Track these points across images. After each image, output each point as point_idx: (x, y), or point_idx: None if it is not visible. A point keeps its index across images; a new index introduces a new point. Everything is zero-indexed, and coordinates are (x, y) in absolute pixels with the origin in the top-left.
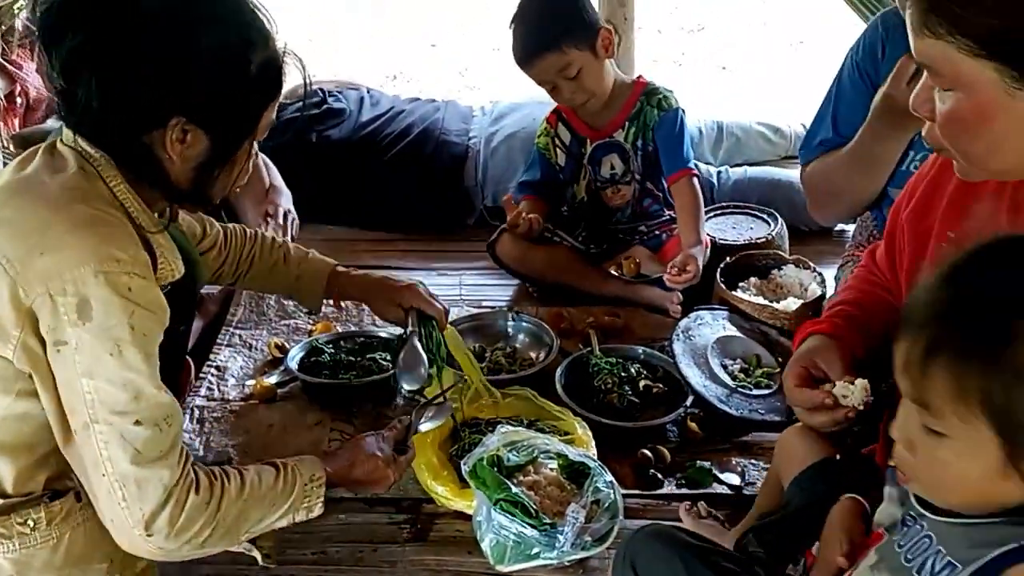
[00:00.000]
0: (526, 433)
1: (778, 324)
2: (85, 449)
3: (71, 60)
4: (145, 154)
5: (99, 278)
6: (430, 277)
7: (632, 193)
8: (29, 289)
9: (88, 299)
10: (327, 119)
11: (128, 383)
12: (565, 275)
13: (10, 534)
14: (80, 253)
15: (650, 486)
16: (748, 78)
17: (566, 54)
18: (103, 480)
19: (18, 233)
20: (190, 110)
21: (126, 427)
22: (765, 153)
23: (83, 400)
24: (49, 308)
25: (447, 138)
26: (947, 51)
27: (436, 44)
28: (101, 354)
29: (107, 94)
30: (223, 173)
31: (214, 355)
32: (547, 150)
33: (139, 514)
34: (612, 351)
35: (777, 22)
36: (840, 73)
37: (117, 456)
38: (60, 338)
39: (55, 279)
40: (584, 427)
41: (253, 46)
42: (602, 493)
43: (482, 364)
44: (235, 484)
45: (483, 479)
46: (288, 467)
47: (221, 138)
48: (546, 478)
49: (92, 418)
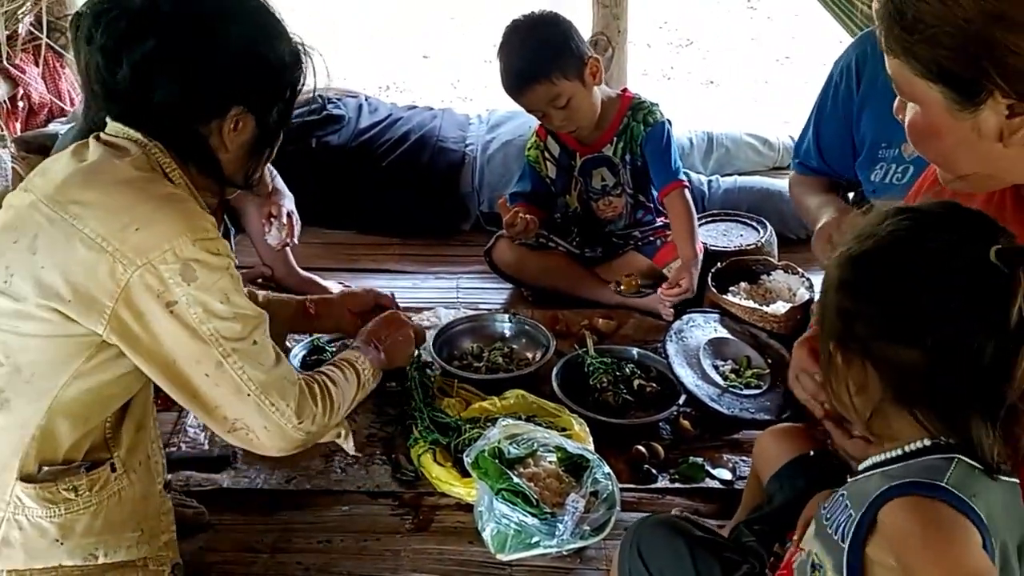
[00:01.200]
0: (526, 426)
1: (768, 327)
2: (224, 382)
3: (144, 64)
4: (201, 144)
5: (196, 245)
6: (427, 280)
7: (625, 206)
8: (128, 263)
9: (190, 263)
10: (326, 125)
11: (238, 316)
12: (560, 280)
13: (56, 500)
14: (174, 225)
15: (644, 481)
16: (736, 92)
17: (556, 85)
18: (249, 400)
19: (108, 214)
20: (247, 99)
21: (249, 348)
22: (754, 164)
23: (210, 343)
24: (153, 275)
25: (444, 145)
26: (903, 70)
27: (429, 55)
28: (213, 303)
29: (180, 91)
30: (265, 156)
31: None
32: (537, 163)
33: (288, 410)
34: (607, 352)
35: (765, 38)
36: (823, 88)
37: (253, 374)
38: (171, 299)
39: (154, 250)
40: (581, 423)
41: (284, 37)
42: (600, 484)
43: (480, 364)
44: (328, 377)
45: (485, 469)
46: (340, 361)
47: (267, 123)
48: (545, 470)
49: (223, 353)
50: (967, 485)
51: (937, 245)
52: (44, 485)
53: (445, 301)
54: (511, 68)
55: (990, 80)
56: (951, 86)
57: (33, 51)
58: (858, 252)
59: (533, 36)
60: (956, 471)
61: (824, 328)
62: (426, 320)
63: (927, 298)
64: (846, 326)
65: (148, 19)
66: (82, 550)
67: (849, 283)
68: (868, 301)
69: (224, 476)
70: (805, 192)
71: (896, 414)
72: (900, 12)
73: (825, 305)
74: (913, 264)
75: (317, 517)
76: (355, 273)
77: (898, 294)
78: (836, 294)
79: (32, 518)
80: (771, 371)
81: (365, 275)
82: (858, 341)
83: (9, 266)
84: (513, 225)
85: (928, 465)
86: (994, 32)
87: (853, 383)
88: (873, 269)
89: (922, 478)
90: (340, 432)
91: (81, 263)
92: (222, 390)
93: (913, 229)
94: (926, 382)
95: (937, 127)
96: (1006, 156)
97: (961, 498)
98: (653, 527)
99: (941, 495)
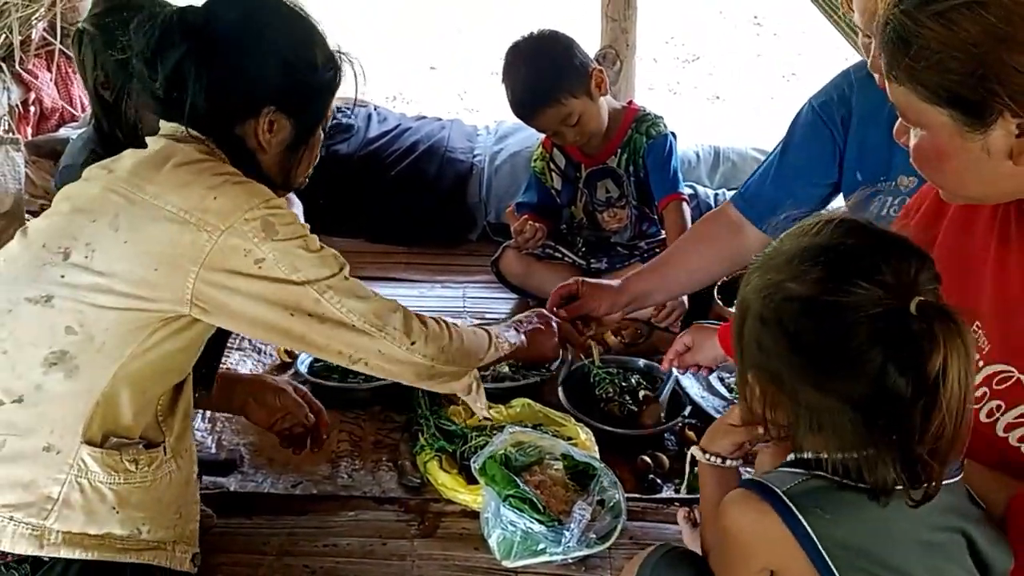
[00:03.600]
0: (533, 434)
1: None
2: (327, 319)
3: (178, 67)
4: (240, 145)
5: (266, 204)
6: (434, 290)
7: (629, 217)
8: (212, 229)
9: (268, 219)
10: (336, 134)
11: (320, 259)
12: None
13: (118, 468)
14: (245, 193)
15: (649, 490)
16: (741, 108)
17: (565, 105)
18: (354, 332)
19: (185, 188)
20: (278, 99)
21: (339, 284)
22: None
23: (305, 287)
24: (239, 236)
25: (452, 155)
26: (909, 96)
27: (436, 67)
28: (297, 251)
29: (212, 92)
30: (304, 156)
31: (224, 359)
32: (543, 174)
33: (396, 333)
34: (612, 362)
35: (771, 54)
36: (794, 121)
37: (352, 304)
38: (259, 256)
39: (235, 212)
40: (587, 432)
41: (319, 41)
42: (607, 493)
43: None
44: (455, 322)
45: (493, 475)
46: (469, 326)
47: (301, 123)
48: (551, 478)
49: (319, 291)
50: (814, 498)
51: (860, 299)
52: (109, 452)
53: (451, 310)
54: (518, 94)
55: (999, 101)
56: (960, 109)
57: (46, 56)
58: (778, 291)
59: (536, 59)
60: (805, 484)
61: (741, 348)
62: None
63: (846, 354)
64: (763, 357)
65: (182, 27)
66: (132, 522)
67: (769, 322)
68: (788, 348)
69: (231, 480)
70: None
71: (803, 436)
72: (904, 40)
73: (743, 328)
74: (834, 319)
75: (323, 521)
76: (362, 281)
77: (818, 347)
78: (756, 324)
79: (94, 482)
80: None
81: (372, 283)
82: (774, 376)
83: (90, 242)
84: (522, 232)
85: (784, 474)
86: (1001, 54)
87: (765, 400)
88: (795, 318)
89: (768, 480)
90: (471, 384)
91: (165, 237)
92: (327, 327)
93: (837, 276)
94: (836, 424)
95: (945, 150)
96: (1017, 174)
97: (779, 497)
98: (672, 563)
99: (763, 493)
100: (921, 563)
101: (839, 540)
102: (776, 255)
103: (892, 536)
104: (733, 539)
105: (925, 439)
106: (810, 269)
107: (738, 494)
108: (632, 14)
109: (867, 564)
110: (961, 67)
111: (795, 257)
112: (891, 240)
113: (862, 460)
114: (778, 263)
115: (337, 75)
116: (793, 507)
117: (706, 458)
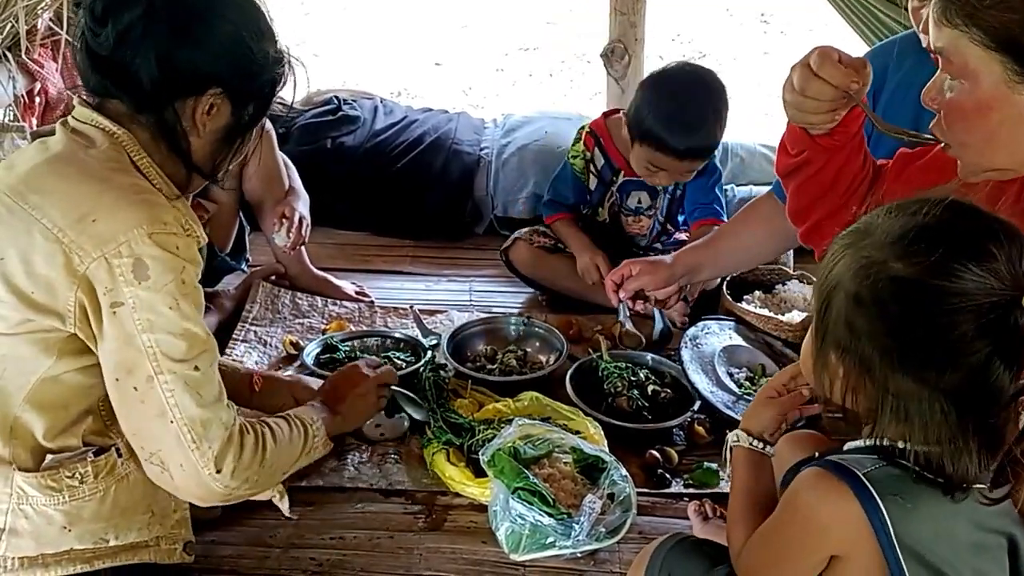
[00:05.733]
0: (542, 427)
1: (782, 336)
2: (150, 401)
3: (130, 30)
4: (174, 122)
5: (152, 239)
6: (440, 283)
7: (651, 228)
8: (84, 255)
9: (143, 259)
10: (341, 126)
11: (185, 332)
12: (576, 283)
13: (59, 487)
14: (131, 217)
15: (658, 485)
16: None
17: (702, 161)
18: (171, 427)
19: (68, 203)
20: (226, 82)
21: (188, 373)
22: (768, 174)
23: (145, 355)
24: (105, 271)
25: (459, 148)
26: (960, 41)
27: (441, 62)
28: (161, 309)
29: (160, 60)
30: (236, 150)
31: (229, 350)
32: (583, 173)
33: (209, 453)
34: (621, 357)
35: (777, 52)
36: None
37: (184, 402)
38: (117, 299)
39: (110, 243)
40: (596, 426)
41: (270, 36)
42: (617, 487)
43: (493, 366)
44: (270, 432)
45: (501, 468)
46: (293, 418)
47: (241, 113)
48: (560, 471)
49: (156, 370)
50: (893, 485)
51: (969, 286)
52: (47, 473)
53: (458, 304)
54: (686, 131)
55: None
56: (1014, 55)
57: (52, 46)
58: (881, 271)
59: (715, 107)
60: (884, 470)
61: (825, 327)
62: (439, 323)
63: (949, 343)
64: (853, 339)
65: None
66: (91, 535)
67: (865, 302)
68: (884, 331)
69: None
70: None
71: (887, 423)
72: None
73: (831, 305)
74: (939, 304)
75: (330, 514)
76: (368, 274)
77: (919, 333)
78: (848, 304)
79: (37, 507)
80: None
81: (378, 276)
82: (863, 359)
83: None
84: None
85: (861, 458)
86: None
87: (847, 384)
88: (896, 300)
89: (846, 462)
90: (275, 494)
91: (41, 255)
92: (146, 409)
93: (946, 259)
94: (926, 414)
95: (987, 102)
96: None
97: (859, 479)
98: (684, 550)
99: (842, 474)
100: (969, 565)
101: (910, 531)
102: (872, 232)
103: (954, 533)
104: (804, 522)
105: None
106: (917, 250)
107: (813, 474)
108: (641, 8)
109: (929, 558)
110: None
111: (899, 236)
112: (1001, 225)
113: (946, 453)
114: (877, 241)
115: (284, 75)
116: (873, 491)
117: (749, 442)
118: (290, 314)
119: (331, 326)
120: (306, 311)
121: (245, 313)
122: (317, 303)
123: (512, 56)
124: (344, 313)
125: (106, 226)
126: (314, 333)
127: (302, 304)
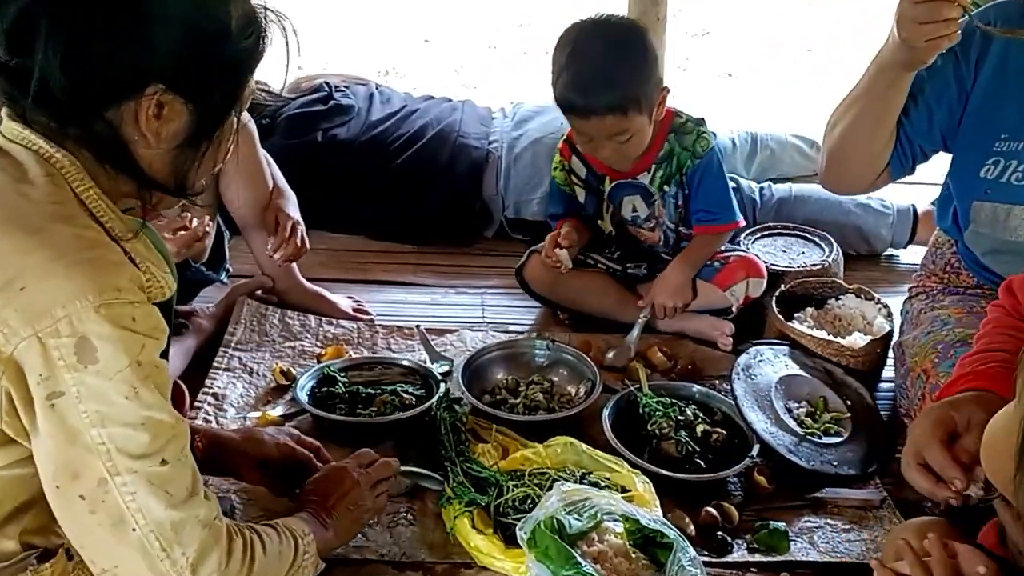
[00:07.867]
0: (587, 491)
1: (844, 362)
2: (103, 511)
3: (21, 22)
4: (111, 135)
5: (100, 312)
6: (448, 296)
7: (662, 239)
8: (10, 333)
9: (88, 338)
10: (333, 117)
11: (147, 421)
12: (601, 303)
13: None
14: (73, 284)
15: (720, 551)
16: (755, 86)
17: (628, 119)
18: (133, 536)
19: None
20: (169, 75)
21: (153, 470)
22: (800, 168)
23: (96, 454)
24: (39, 353)
25: (465, 142)
26: None
27: (429, 39)
28: (115, 399)
29: (68, 59)
30: (208, 155)
31: (211, 380)
32: (565, 185)
33: (183, 560)
34: (663, 389)
35: (785, 30)
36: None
37: (149, 504)
38: (55, 389)
39: (44, 318)
40: (645, 482)
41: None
42: (687, 572)
43: (516, 400)
44: (259, 540)
45: (544, 548)
46: (282, 527)
47: (204, 109)
48: (612, 547)
49: (111, 471)
50: None
51: None
52: None
53: (470, 321)
54: (584, 87)
55: None
56: None
57: None
58: None
59: (620, 53)
60: None
61: None
62: (449, 345)
63: None
64: None
65: None
66: None
67: None
68: None
69: None
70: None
71: None
72: None
73: None
74: None
75: None
76: (366, 285)
77: None
78: None
79: None
80: (851, 415)
81: (378, 288)
82: None
83: None
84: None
85: None
86: None
87: None
88: None
89: None
90: None
91: None
92: (97, 520)
93: None
94: None
95: None
96: None
97: None
98: None
99: None
100: None
101: None
102: None
103: None
104: None
105: None
106: None
107: None
108: None
109: None
110: None
111: None
112: None
113: None
114: None
115: (260, 43)
116: None
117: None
118: (279, 336)
119: (327, 352)
120: (298, 332)
121: (228, 336)
122: (310, 322)
123: (504, 32)
124: (341, 334)
125: (39, 295)
126: (307, 358)
127: (293, 324)
